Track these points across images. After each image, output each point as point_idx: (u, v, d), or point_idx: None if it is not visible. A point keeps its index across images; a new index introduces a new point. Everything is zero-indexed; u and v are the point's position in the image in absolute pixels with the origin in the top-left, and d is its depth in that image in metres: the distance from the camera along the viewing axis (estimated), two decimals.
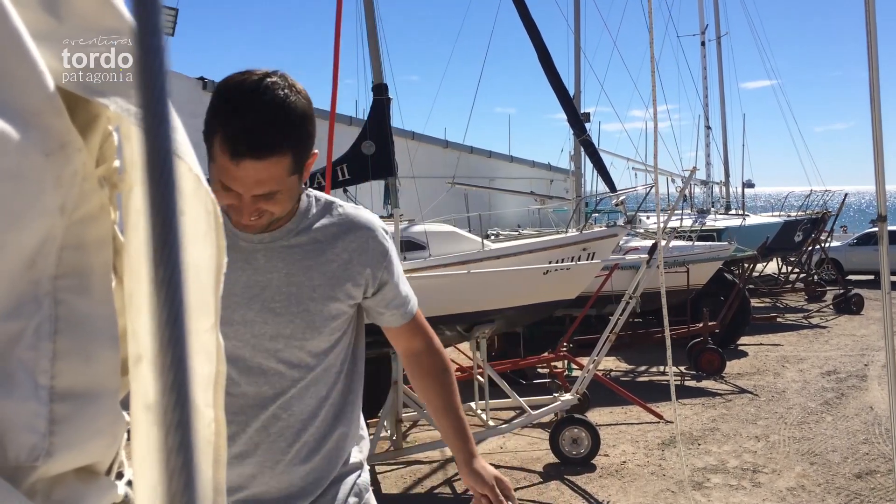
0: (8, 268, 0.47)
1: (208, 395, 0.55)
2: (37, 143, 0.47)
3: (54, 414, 0.49)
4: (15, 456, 0.47)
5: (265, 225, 1.38)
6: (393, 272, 1.55)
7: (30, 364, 0.49)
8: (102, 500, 0.53)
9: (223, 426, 0.56)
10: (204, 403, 0.55)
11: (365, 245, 1.49)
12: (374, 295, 1.53)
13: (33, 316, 0.49)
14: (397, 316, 1.58)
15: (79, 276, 0.51)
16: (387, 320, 1.59)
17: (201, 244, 0.53)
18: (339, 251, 1.47)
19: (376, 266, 1.51)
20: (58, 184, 0.49)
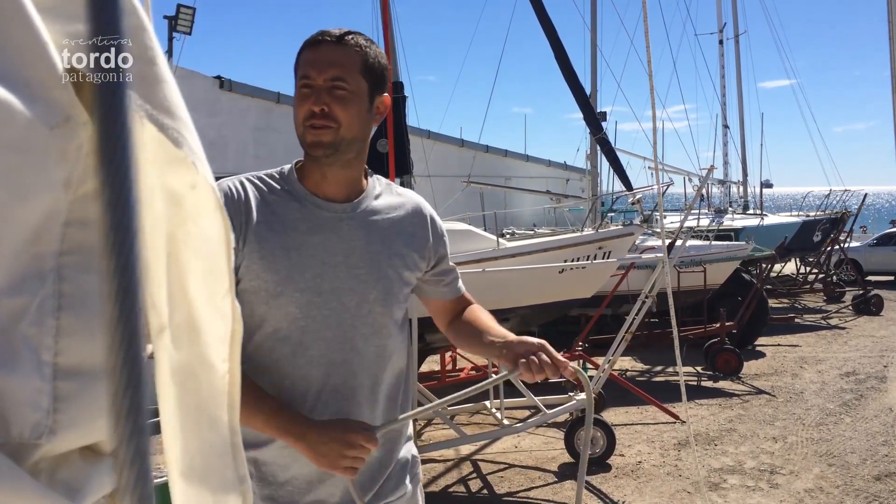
0: (12, 242, 0.47)
1: (223, 352, 0.59)
2: (42, 116, 0.47)
3: (58, 391, 0.49)
4: (18, 433, 0.47)
5: (329, 143, 1.45)
6: (448, 250, 1.69)
7: (34, 340, 0.48)
8: (107, 480, 0.53)
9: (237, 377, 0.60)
10: (220, 359, 0.59)
11: (425, 221, 1.63)
12: (434, 268, 1.65)
13: (37, 292, 0.49)
14: (453, 289, 1.71)
15: (84, 252, 0.51)
16: (442, 293, 1.70)
17: (211, 216, 0.55)
18: (406, 224, 1.59)
19: (437, 241, 1.65)
20: (62, 158, 0.49)
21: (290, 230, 1.47)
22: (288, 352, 1.47)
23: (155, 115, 0.50)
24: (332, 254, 1.49)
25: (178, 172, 0.53)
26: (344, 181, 1.53)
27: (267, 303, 1.45)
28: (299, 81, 1.45)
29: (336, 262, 1.49)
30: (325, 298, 1.47)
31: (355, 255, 1.50)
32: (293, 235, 1.47)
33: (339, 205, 1.52)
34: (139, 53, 0.50)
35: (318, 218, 1.49)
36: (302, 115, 1.45)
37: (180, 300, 0.57)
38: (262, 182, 1.51)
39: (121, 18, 0.30)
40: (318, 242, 1.48)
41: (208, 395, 0.58)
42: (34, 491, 0.46)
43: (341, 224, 1.51)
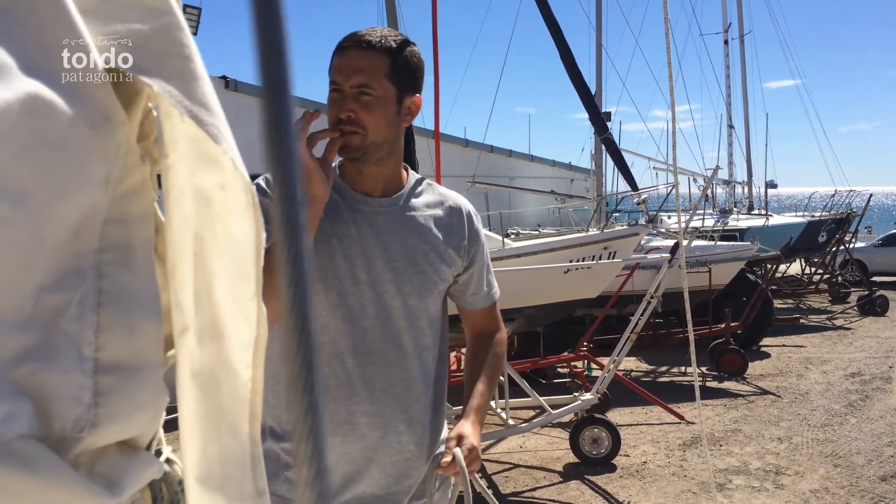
0: (53, 239, 0.48)
1: (247, 357, 0.58)
2: (83, 115, 0.48)
3: (99, 386, 0.50)
4: (61, 427, 0.48)
5: (356, 147, 1.50)
6: (484, 252, 1.71)
7: (75, 336, 0.49)
8: (144, 474, 0.54)
9: (260, 385, 0.59)
10: (243, 365, 0.58)
11: (462, 220, 1.67)
12: (466, 270, 1.67)
13: (78, 288, 0.50)
14: (483, 296, 1.72)
15: (122, 249, 0.52)
16: (470, 300, 1.72)
17: (241, 218, 0.55)
18: (444, 221, 1.63)
19: (472, 241, 1.67)
20: (102, 156, 0.49)
21: (329, 222, 1.51)
22: (326, 340, 1.51)
23: (194, 111, 0.50)
24: (368, 246, 1.53)
25: (208, 172, 0.53)
26: (379, 177, 1.58)
27: None
28: (330, 86, 1.50)
29: (373, 255, 1.53)
30: (361, 289, 1.52)
31: (392, 247, 1.55)
32: (332, 228, 1.51)
33: (376, 199, 1.57)
34: (176, 51, 0.51)
35: (355, 211, 1.54)
36: (331, 121, 1.50)
37: (206, 301, 0.57)
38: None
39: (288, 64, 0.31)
40: (356, 234, 1.52)
41: (230, 401, 0.58)
42: (77, 483, 0.47)
43: (378, 217, 1.56)
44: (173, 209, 0.55)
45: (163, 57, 0.51)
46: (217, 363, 0.58)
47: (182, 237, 0.55)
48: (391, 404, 1.54)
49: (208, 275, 0.56)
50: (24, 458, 0.44)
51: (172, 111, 0.51)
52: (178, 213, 0.55)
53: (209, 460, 0.59)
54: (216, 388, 0.58)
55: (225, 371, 0.58)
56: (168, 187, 0.55)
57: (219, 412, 0.59)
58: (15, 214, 0.44)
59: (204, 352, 0.57)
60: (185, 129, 0.51)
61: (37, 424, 0.46)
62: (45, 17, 0.46)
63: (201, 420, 0.59)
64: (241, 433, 0.59)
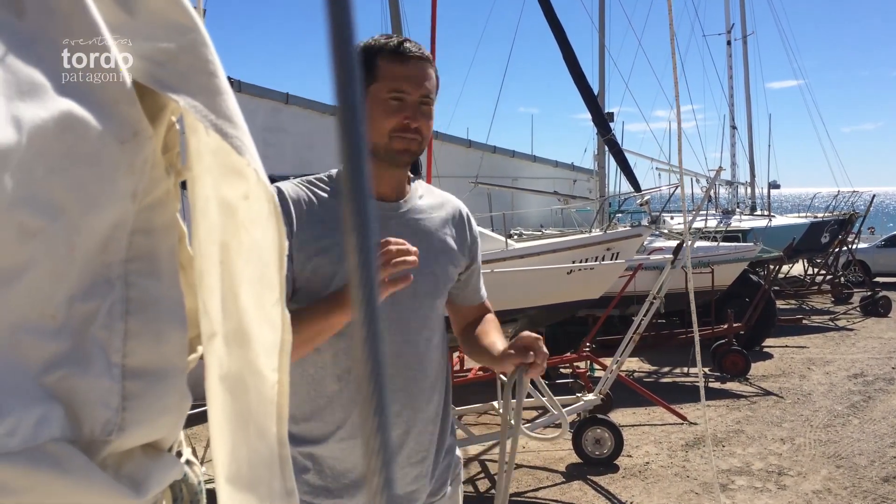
0: (84, 250, 0.50)
1: (272, 361, 0.60)
2: (113, 131, 0.49)
3: (126, 391, 0.52)
4: (90, 430, 0.50)
5: (415, 152, 1.56)
6: (479, 253, 1.78)
7: (104, 343, 0.51)
8: (167, 475, 0.56)
9: (286, 387, 0.61)
10: (269, 368, 0.60)
11: (464, 222, 1.73)
12: (468, 268, 1.73)
13: (106, 297, 0.51)
14: (476, 294, 1.79)
15: (148, 259, 0.54)
16: (465, 297, 1.77)
17: (264, 226, 0.56)
18: (449, 223, 1.69)
19: (473, 241, 1.74)
20: (130, 170, 0.51)
21: (339, 229, 1.52)
22: (343, 345, 1.53)
23: (219, 125, 0.52)
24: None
25: (232, 183, 0.55)
26: (395, 182, 1.62)
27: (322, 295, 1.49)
28: (389, 93, 1.50)
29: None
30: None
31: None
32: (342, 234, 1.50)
33: (387, 203, 1.60)
34: (201, 67, 0.53)
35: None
36: (391, 126, 1.50)
37: (232, 308, 0.59)
38: (313, 185, 1.57)
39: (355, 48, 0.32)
40: None
41: (257, 403, 0.60)
42: (105, 484, 0.49)
43: (390, 222, 1.58)
44: (199, 219, 0.57)
45: (189, 73, 0.52)
46: (244, 367, 0.59)
47: (208, 246, 0.57)
48: (408, 404, 1.58)
49: (234, 282, 0.58)
50: (57, 459, 0.46)
51: (198, 125, 0.53)
52: (205, 224, 0.56)
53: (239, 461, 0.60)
54: (244, 391, 0.60)
55: (252, 374, 0.59)
56: (194, 198, 0.57)
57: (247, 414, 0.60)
58: (50, 226, 0.46)
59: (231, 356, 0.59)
60: (210, 142, 0.53)
61: (68, 428, 0.48)
62: (76, 37, 0.48)
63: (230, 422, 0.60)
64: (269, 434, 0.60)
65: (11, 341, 0.45)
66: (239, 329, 0.59)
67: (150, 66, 0.52)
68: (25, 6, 0.46)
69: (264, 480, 0.60)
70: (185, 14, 0.53)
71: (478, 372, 7.10)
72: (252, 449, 0.61)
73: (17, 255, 0.45)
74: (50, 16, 0.48)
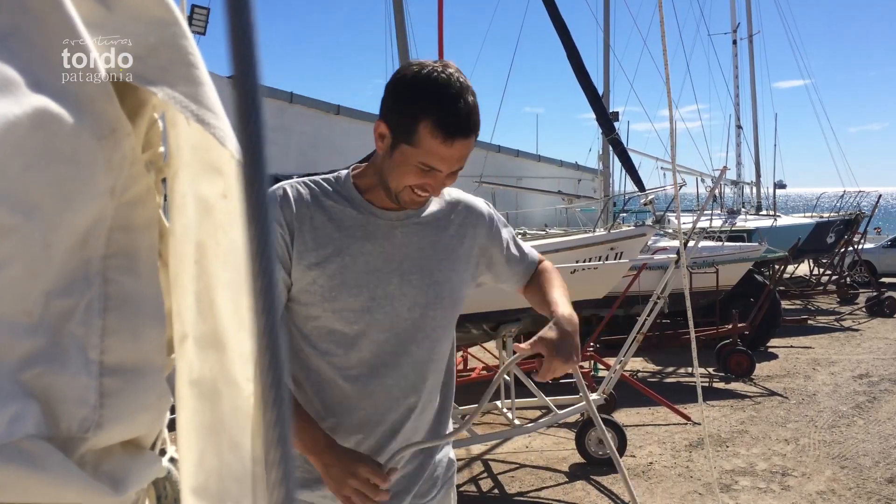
0: (62, 247, 0.49)
1: (248, 370, 0.58)
2: (90, 128, 0.49)
3: (104, 388, 0.51)
4: (67, 427, 0.50)
5: (421, 204, 1.53)
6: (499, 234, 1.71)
7: (81, 339, 0.51)
8: (147, 473, 0.56)
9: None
10: (244, 378, 0.58)
11: (467, 220, 1.66)
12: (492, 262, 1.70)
13: (85, 293, 0.51)
14: (526, 266, 1.76)
15: (127, 256, 0.53)
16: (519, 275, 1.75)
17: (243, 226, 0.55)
18: (453, 227, 1.63)
19: (490, 235, 1.69)
20: (108, 167, 0.51)
21: (346, 236, 1.50)
22: (341, 353, 1.52)
23: (200, 114, 0.51)
24: (385, 261, 1.52)
25: (211, 180, 0.55)
26: None
27: (321, 305, 1.48)
28: (420, 163, 1.42)
29: (390, 269, 1.52)
30: (378, 303, 1.51)
31: (408, 261, 1.54)
32: (349, 242, 1.49)
33: (394, 213, 1.55)
34: (181, 58, 0.52)
35: (373, 225, 1.52)
36: (411, 184, 1.45)
37: (207, 310, 0.58)
38: (319, 187, 1.54)
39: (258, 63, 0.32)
40: (373, 249, 1.51)
41: (231, 414, 0.58)
42: (82, 481, 0.49)
43: (395, 232, 1.55)
44: (176, 216, 0.57)
45: (168, 66, 0.52)
46: (218, 374, 0.58)
47: (184, 245, 0.56)
48: (403, 414, 1.56)
49: (210, 284, 0.57)
50: (33, 456, 0.46)
51: (178, 118, 0.53)
52: (181, 221, 0.56)
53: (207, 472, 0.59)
54: (217, 400, 0.58)
55: (226, 383, 0.58)
56: (172, 194, 0.57)
57: (219, 424, 0.58)
58: (25, 224, 0.46)
59: (204, 361, 0.58)
60: (190, 136, 0.53)
61: (44, 425, 0.48)
62: (51, 32, 0.48)
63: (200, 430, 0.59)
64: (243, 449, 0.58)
65: None
66: (214, 333, 0.58)
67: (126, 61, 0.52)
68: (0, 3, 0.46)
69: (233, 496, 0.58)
70: (165, 8, 0.52)
71: (481, 372, 7.10)
72: (223, 462, 0.59)
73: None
74: (24, 13, 0.47)
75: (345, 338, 1.51)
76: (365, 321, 1.50)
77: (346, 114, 16.13)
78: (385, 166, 1.47)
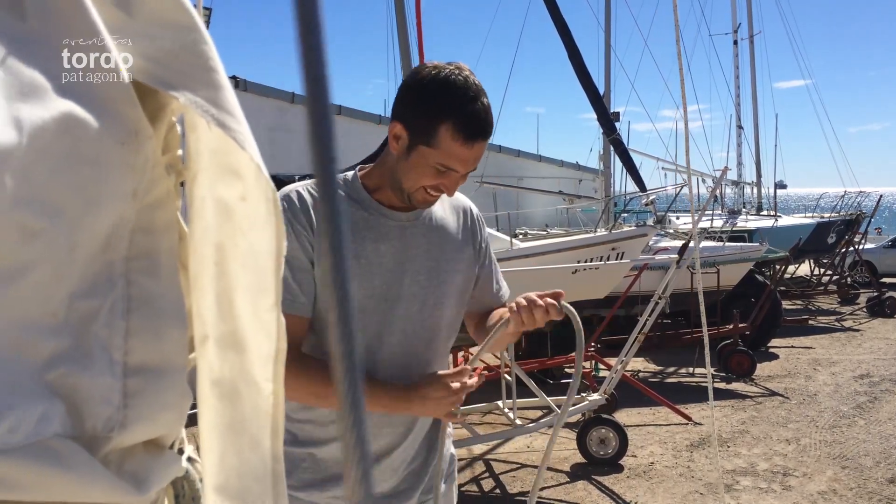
0: (86, 249, 0.50)
1: (268, 370, 0.59)
2: (113, 131, 0.50)
3: (127, 388, 0.52)
4: (92, 426, 0.50)
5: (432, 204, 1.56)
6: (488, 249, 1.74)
7: (105, 340, 0.51)
8: (168, 472, 0.56)
9: (281, 399, 0.60)
10: (263, 378, 0.59)
11: (476, 223, 1.71)
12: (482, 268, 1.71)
13: (108, 295, 0.52)
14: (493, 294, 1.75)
15: (148, 258, 0.54)
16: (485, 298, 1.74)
17: (261, 229, 0.56)
18: (457, 228, 1.66)
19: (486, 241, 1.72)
20: (131, 170, 0.52)
21: (357, 238, 1.51)
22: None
23: (221, 119, 0.52)
24: (396, 262, 1.53)
25: (229, 183, 0.55)
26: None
27: None
28: (438, 164, 1.45)
29: (401, 270, 1.53)
30: (390, 305, 1.52)
31: (417, 262, 1.56)
32: (361, 244, 1.51)
33: (403, 213, 1.56)
34: (202, 64, 0.53)
35: (383, 227, 1.53)
36: (426, 184, 1.47)
37: (227, 312, 0.58)
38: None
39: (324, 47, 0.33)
40: (384, 251, 1.52)
41: (251, 414, 0.59)
42: (107, 480, 0.49)
43: (405, 232, 1.56)
44: (195, 219, 0.57)
45: (189, 71, 0.52)
46: (238, 375, 0.58)
47: (203, 247, 0.57)
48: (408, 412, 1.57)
49: (230, 285, 0.58)
50: (60, 455, 0.47)
51: (198, 122, 0.53)
52: (200, 223, 0.57)
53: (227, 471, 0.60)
54: (237, 400, 0.59)
55: (246, 383, 0.59)
56: (191, 197, 0.57)
57: (240, 424, 0.59)
58: (51, 227, 0.47)
59: (224, 361, 0.58)
60: (209, 140, 0.53)
61: (70, 424, 0.49)
62: (77, 38, 0.48)
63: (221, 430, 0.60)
64: (263, 448, 0.59)
65: (13, 339, 0.46)
66: (233, 334, 0.59)
67: (150, 66, 0.52)
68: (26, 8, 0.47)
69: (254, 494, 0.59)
70: (185, 13, 0.53)
71: (481, 372, 7.11)
72: (243, 460, 0.60)
73: (19, 255, 0.45)
74: (49, 17, 0.48)
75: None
76: (377, 322, 1.52)
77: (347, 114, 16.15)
78: (400, 167, 1.48)
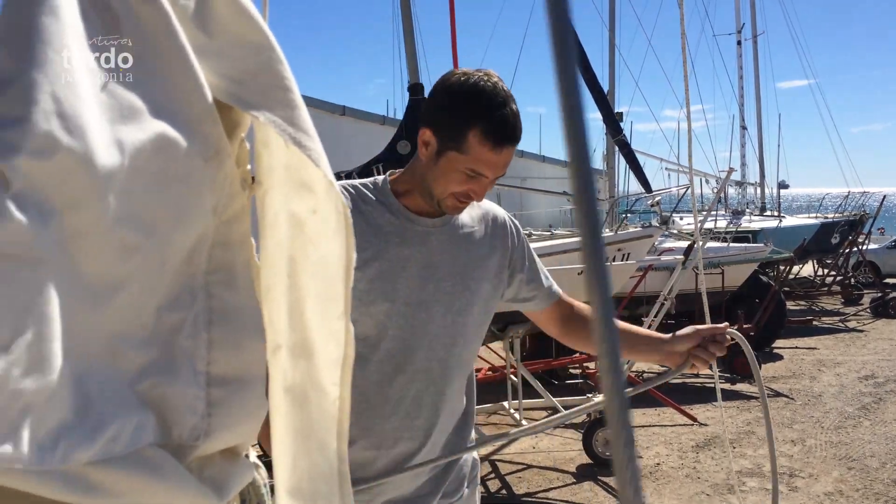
0: (172, 263, 0.52)
1: (335, 375, 0.61)
2: (199, 150, 0.52)
3: (211, 398, 0.54)
4: (179, 435, 0.52)
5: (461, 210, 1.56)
6: (526, 253, 1.74)
7: (190, 352, 0.53)
8: (243, 478, 0.58)
9: (347, 403, 0.62)
10: (331, 383, 0.61)
11: (505, 230, 1.70)
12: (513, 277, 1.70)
13: (191, 307, 0.54)
14: (544, 297, 1.76)
15: (226, 271, 0.56)
16: (534, 304, 1.76)
17: (331, 239, 0.58)
18: (484, 236, 1.65)
19: (516, 250, 1.71)
20: (213, 187, 0.54)
21: (383, 242, 1.51)
22: (375, 358, 1.53)
23: (298, 138, 0.54)
24: (421, 267, 1.54)
25: (302, 197, 0.57)
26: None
27: (358, 310, 1.48)
28: (467, 169, 1.45)
29: (425, 276, 1.54)
30: (413, 310, 1.53)
31: (443, 268, 1.56)
32: (386, 247, 1.51)
33: (430, 219, 1.57)
34: (278, 83, 0.55)
35: (409, 231, 1.54)
36: (455, 191, 1.48)
37: (297, 320, 0.60)
38: (357, 191, 1.55)
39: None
40: (409, 255, 1.53)
41: (319, 418, 0.61)
42: (194, 488, 0.51)
43: (431, 238, 1.56)
44: (268, 233, 0.59)
45: (267, 90, 0.54)
46: (307, 380, 0.60)
47: (277, 260, 0.59)
48: (432, 419, 1.58)
49: (300, 295, 0.60)
50: (154, 464, 0.48)
51: (270, 139, 0.55)
52: (273, 238, 0.58)
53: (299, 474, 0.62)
54: (306, 404, 0.61)
55: (314, 388, 0.61)
56: (263, 212, 0.59)
57: (308, 428, 0.61)
58: (146, 243, 0.49)
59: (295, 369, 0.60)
60: (282, 156, 0.55)
61: (160, 434, 0.50)
62: (169, 62, 0.50)
63: (293, 434, 0.62)
64: (329, 449, 0.61)
65: (111, 351, 0.48)
66: (303, 342, 0.61)
67: (230, 86, 0.54)
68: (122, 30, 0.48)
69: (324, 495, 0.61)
70: (261, 33, 0.55)
71: (487, 373, 7.12)
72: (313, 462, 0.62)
73: (119, 270, 0.47)
74: (145, 43, 0.50)
75: (379, 342, 1.52)
76: (399, 326, 1.52)
77: (351, 114, 16.15)
78: (429, 173, 1.49)
